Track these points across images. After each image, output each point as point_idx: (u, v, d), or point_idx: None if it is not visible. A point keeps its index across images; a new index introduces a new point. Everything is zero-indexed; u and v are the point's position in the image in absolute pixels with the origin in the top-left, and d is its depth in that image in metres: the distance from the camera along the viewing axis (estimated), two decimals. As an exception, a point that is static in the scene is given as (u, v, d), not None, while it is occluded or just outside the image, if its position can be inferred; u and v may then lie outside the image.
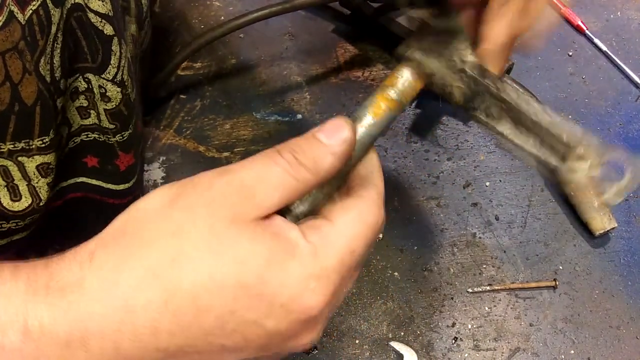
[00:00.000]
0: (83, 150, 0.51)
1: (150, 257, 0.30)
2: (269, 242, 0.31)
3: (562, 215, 0.64)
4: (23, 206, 0.44)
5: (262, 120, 0.69)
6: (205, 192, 0.32)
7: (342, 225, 0.33)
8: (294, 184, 0.32)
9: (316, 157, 0.33)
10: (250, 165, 0.32)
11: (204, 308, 0.30)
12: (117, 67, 0.47)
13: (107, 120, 0.49)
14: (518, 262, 0.61)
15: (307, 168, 0.33)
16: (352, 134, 0.34)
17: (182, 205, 0.31)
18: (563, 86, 0.73)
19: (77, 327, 0.29)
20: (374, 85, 0.72)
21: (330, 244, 0.32)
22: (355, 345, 0.56)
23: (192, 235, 0.30)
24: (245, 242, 0.30)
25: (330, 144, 0.33)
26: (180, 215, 0.31)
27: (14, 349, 0.29)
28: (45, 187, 0.45)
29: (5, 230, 0.45)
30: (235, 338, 0.31)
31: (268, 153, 0.33)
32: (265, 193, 0.31)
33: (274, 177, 0.32)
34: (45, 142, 0.43)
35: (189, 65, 0.73)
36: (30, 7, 0.38)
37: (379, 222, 0.34)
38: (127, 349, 0.29)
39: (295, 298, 0.31)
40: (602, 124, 0.70)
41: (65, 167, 0.49)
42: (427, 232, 0.62)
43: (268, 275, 0.30)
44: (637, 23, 0.79)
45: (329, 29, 0.77)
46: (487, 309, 0.58)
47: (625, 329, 0.58)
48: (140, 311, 0.29)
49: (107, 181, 0.53)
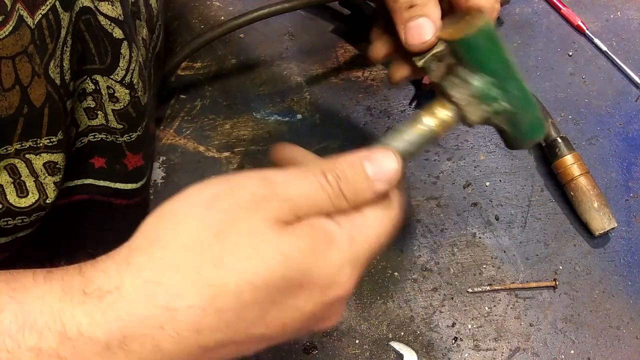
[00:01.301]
0: (90, 151, 0.51)
1: (193, 257, 0.30)
2: (308, 235, 0.32)
3: (562, 215, 0.64)
4: (30, 202, 0.45)
5: (262, 120, 0.69)
6: (248, 199, 0.32)
7: (371, 217, 0.35)
8: (332, 209, 0.34)
9: (358, 190, 0.34)
10: (298, 182, 0.33)
11: (248, 303, 0.30)
12: (126, 69, 0.47)
13: (115, 120, 0.49)
14: (518, 262, 0.61)
15: (347, 199, 0.34)
16: (397, 175, 0.36)
17: (223, 206, 0.32)
18: (563, 86, 0.73)
19: (117, 328, 0.29)
20: (374, 85, 0.72)
21: (363, 233, 0.34)
22: (355, 345, 0.56)
23: (234, 236, 0.31)
24: (287, 237, 0.31)
25: (374, 181, 0.35)
26: (221, 216, 0.32)
27: (51, 353, 0.29)
28: (52, 186, 0.45)
29: (10, 227, 0.45)
30: (274, 326, 0.32)
31: (314, 172, 0.34)
32: (306, 208, 0.33)
33: (317, 201, 0.33)
34: (53, 142, 0.43)
35: (188, 65, 0.73)
36: (39, 11, 0.38)
37: (398, 218, 0.37)
38: (168, 348, 0.30)
39: (333, 283, 0.33)
40: (602, 124, 0.70)
41: (71, 167, 0.50)
42: (427, 232, 0.62)
43: (311, 266, 0.32)
44: (637, 23, 0.79)
45: (329, 29, 0.77)
46: (487, 309, 0.58)
47: (625, 328, 0.58)
48: (184, 310, 0.29)
49: (115, 180, 0.53)
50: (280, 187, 0.33)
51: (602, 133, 0.69)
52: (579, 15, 0.78)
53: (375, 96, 0.71)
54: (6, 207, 0.44)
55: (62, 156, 0.45)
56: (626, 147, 0.68)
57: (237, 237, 0.31)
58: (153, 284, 0.30)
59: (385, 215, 0.36)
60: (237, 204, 0.32)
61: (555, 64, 0.74)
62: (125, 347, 0.29)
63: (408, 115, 0.70)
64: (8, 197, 0.44)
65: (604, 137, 0.69)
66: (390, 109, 0.70)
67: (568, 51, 0.76)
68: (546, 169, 0.66)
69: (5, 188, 0.44)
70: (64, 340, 0.29)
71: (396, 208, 0.37)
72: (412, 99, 0.71)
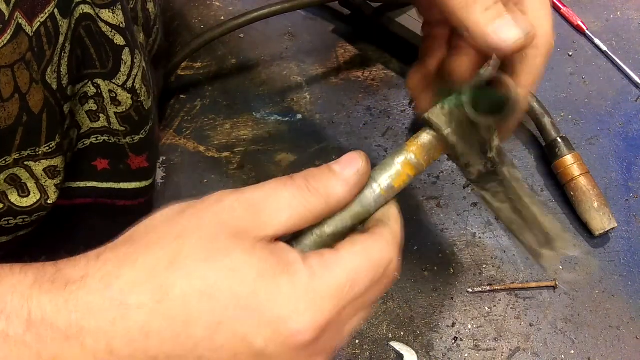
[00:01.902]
0: (92, 152, 0.51)
1: (150, 256, 0.31)
2: (265, 257, 0.31)
3: (562, 216, 0.64)
4: (31, 202, 0.45)
5: (262, 120, 0.69)
6: (214, 205, 0.32)
7: (345, 255, 0.32)
8: (302, 209, 0.32)
9: (328, 184, 0.33)
10: (262, 187, 0.33)
11: (194, 315, 0.30)
12: (128, 75, 0.47)
13: (117, 122, 0.49)
14: (518, 262, 0.61)
15: (317, 195, 0.33)
16: (365, 165, 0.35)
17: (190, 213, 0.32)
18: (563, 86, 0.73)
19: (75, 318, 0.29)
20: (374, 85, 0.72)
21: (329, 270, 0.31)
22: (355, 345, 0.56)
23: (193, 240, 0.31)
24: (241, 252, 0.30)
25: (342, 173, 0.34)
26: (186, 221, 0.32)
27: (18, 339, 0.29)
28: (53, 188, 0.46)
29: (11, 226, 0.45)
30: (224, 354, 0.30)
31: (281, 178, 0.33)
32: (272, 212, 0.32)
33: (283, 199, 0.32)
34: (51, 147, 0.43)
35: (188, 65, 0.73)
36: (38, 19, 0.38)
37: (387, 260, 0.34)
38: (119, 349, 0.30)
39: (284, 318, 0.30)
40: (602, 124, 0.70)
41: (74, 168, 0.50)
42: (427, 232, 0.62)
43: (258, 287, 0.30)
44: (637, 23, 0.79)
45: (328, 29, 0.77)
46: (487, 308, 0.58)
47: (625, 328, 0.58)
48: (134, 309, 0.29)
49: (119, 181, 0.53)
50: (245, 194, 0.32)
51: (602, 133, 0.69)
52: (579, 15, 0.78)
53: (375, 96, 0.71)
54: (7, 206, 0.44)
55: (61, 159, 0.45)
56: (626, 147, 0.68)
57: (195, 242, 0.31)
58: (112, 277, 0.30)
59: (364, 253, 0.33)
60: (204, 211, 0.32)
61: (555, 64, 0.75)
62: (80, 339, 0.29)
63: (408, 115, 0.70)
64: (9, 197, 0.44)
65: (604, 137, 0.69)
66: (390, 109, 0.70)
67: (568, 51, 0.76)
68: (546, 169, 0.66)
69: (7, 189, 0.44)
70: (30, 326, 0.29)
71: (382, 245, 0.34)
72: (412, 99, 0.71)
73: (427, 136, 0.39)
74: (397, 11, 0.70)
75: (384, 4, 0.71)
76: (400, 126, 0.69)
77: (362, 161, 0.34)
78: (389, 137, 0.68)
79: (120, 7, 0.44)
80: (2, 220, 0.44)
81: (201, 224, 0.31)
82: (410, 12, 0.70)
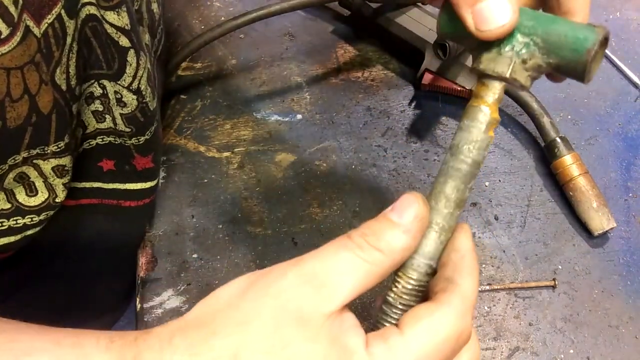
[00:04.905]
0: (98, 153, 0.51)
1: (215, 346, 0.30)
2: (327, 346, 0.30)
3: (561, 215, 0.64)
4: (39, 201, 0.45)
5: (262, 120, 0.69)
6: (276, 282, 0.31)
7: (411, 337, 0.30)
8: (367, 267, 0.31)
9: (388, 237, 0.32)
10: (321, 253, 0.32)
11: None
12: (133, 76, 0.47)
13: (123, 123, 0.49)
14: (517, 262, 0.61)
15: (379, 249, 0.31)
16: (423, 207, 0.33)
17: (252, 295, 0.31)
18: (563, 86, 0.73)
19: None
20: (374, 86, 0.72)
21: (394, 357, 0.30)
22: (355, 345, 0.56)
23: (255, 328, 0.30)
24: (303, 342, 0.30)
25: (401, 222, 0.32)
26: (248, 305, 0.31)
27: None
28: (61, 186, 0.46)
29: (20, 226, 0.45)
30: None
31: (339, 239, 0.32)
32: (335, 282, 0.31)
33: (344, 262, 0.31)
34: (60, 147, 0.44)
35: (189, 65, 0.73)
36: (45, 20, 0.38)
37: (458, 333, 0.31)
38: None
39: None
40: (602, 124, 0.70)
41: (80, 168, 0.50)
42: (427, 232, 0.62)
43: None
44: (637, 23, 0.79)
45: (328, 29, 0.77)
46: (487, 308, 0.58)
47: (624, 328, 0.58)
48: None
49: (125, 181, 0.54)
50: (306, 265, 0.31)
51: (601, 133, 0.70)
52: (579, 16, 0.78)
53: (375, 96, 0.71)
54: (15, 206, 0.44)
55: (69, 159, 0.45)
56: (625, 147, 0.69)
57: (257, 331, 0.30)
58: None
59: (431, 331, 0.30)
60: (266, 293, 0.31)
61: (554, 64, 0.75)
62: None
63: (408, 115, 0.70)
64: (17, 197, 0.44)
65: (603, 137, 0.69)
66: (390, 109, 0.70)
67: (567, 51, 0.76)
68: (545, 169, 0.66)
69: (14, 188, 0.44)
70: None
71: (451, 316, 0.31)
72: (411, 99, 0.71)
73: (498, 84, 0.37)
74: (397, 12, 0.71)
75: (384, 4, 0.71)
76: (400, 126, 0.69)
77: (418, 203, 0.32)
78: (388, 137, 0.68)
79: (125, 9, 0.44)
80: (11, 220, 0.45)
81: (263, 308, 0.31)
82: (410, 13, 0.70)
